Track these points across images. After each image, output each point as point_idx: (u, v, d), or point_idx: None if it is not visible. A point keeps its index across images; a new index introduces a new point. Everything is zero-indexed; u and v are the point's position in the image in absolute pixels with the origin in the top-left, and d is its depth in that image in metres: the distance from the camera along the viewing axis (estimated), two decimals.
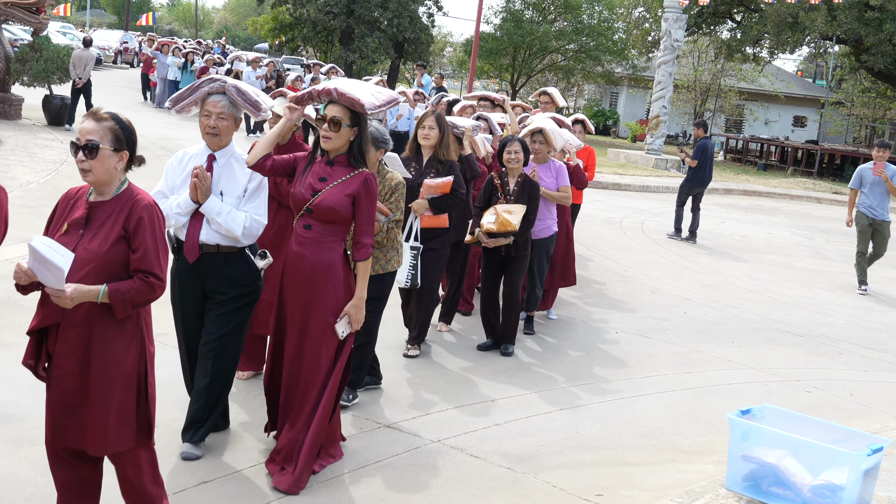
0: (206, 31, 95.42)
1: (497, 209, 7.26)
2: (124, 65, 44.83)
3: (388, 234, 5.88)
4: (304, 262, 4.73)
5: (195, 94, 4.97)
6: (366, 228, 4.76)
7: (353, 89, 4.70)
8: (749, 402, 6.97)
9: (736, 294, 11.15)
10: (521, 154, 7.38)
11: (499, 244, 7.30)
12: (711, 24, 37.00)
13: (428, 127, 6.90)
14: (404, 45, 37.81)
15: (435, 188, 6.77)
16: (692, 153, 14.98)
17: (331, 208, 4.66)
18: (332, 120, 4.68)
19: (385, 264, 5.95)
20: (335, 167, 4.78)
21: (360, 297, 4.79)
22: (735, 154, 36.98)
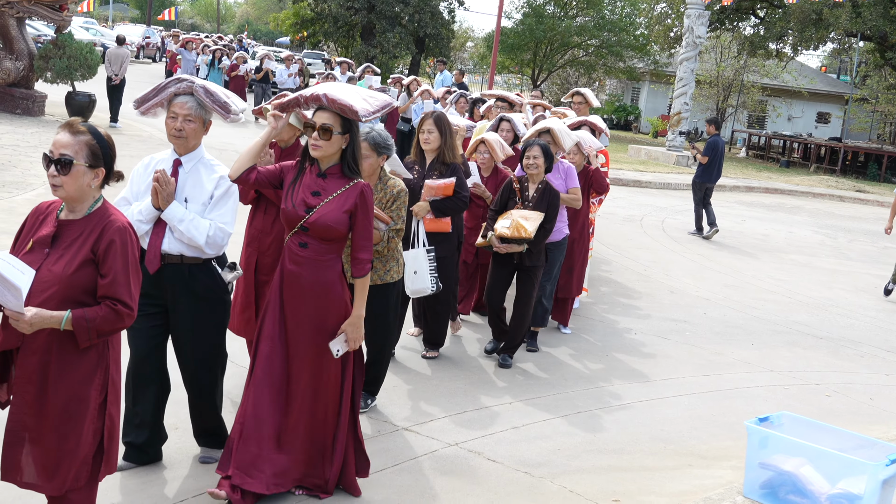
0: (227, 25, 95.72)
1: (513, 214, 6.95)
2: (146, 59, 45.03)
3: (388, 244, 5.61)
4: (302, 282, 4.47)
5: (161, 94, 4.69)
6: (363, 243, 4.49)
7: (345, 95, 4.42)
8: (768, 406, 6.97)
9: (756, 295, 11.09)
10: (540, 160, 7.03)
11: (511, 250, 6.96)
12: (734, 20, 36.75)
13: (427, 130, 6.73)
14: (425, 41, 37.82)
15: (437, 189, 6.61)
16: (703, 149, 15.10)
17: (328, 227, 4.38)
18: (322, 127, 4.37)
19: (384, 275, 5.69)
20: (328, 179, 4.47)
21: (359, 314, 4.52)
22: (757, 151, 36.74)
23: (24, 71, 17.65)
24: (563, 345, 8.04)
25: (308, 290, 4.47)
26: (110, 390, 3.54)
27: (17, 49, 17.56)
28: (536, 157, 7.05)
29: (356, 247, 4.49)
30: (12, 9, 17.24)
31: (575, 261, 8.24)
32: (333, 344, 4.44)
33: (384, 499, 4.79)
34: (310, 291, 4.47)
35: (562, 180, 7.73)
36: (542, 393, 6.72)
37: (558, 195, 7.19)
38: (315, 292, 4.47)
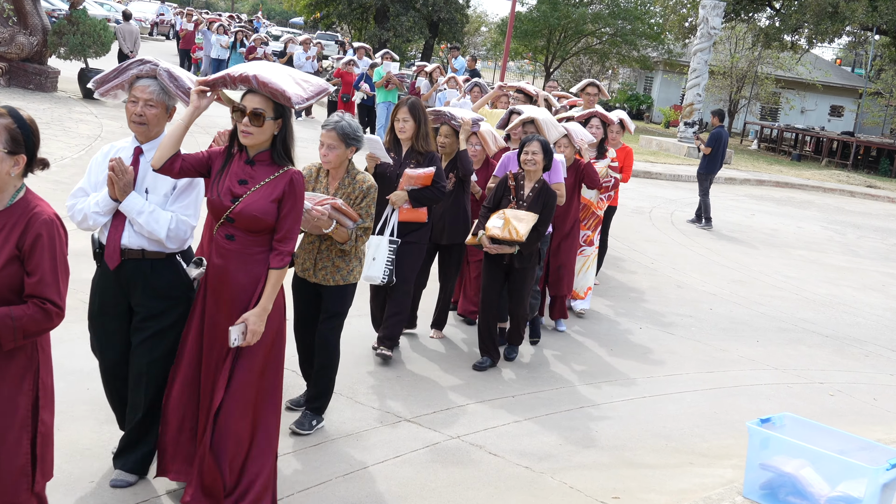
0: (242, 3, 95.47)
1: (506, 214, 6.58)
2: (160, 37, 45.01)
3: (356, 243, 5.24)
4: (227, 276, 4.15)
5: (122, 76, 4.36)
6: (288, 235, 4.16)
7: (277, 77, 4.06)
8: (771, 404, 6.98)
9: (763, 291, 11.08)
10: (539, 156, 6.65)
11: (502, 251, 6.60)
12: (750, 11, 36.54)
13: (402, 119, 6.50)
14: (439, 25, 37.69)
15: (416, 179, 6.39)
16: (706, 140, 15.22)
17: (254, 217, 4.07)
18: (253, 112, 4.04)
19: (347, 275, 5.32)
20: (256, 167, 4.16)
21: (264, 307, 4.13)
22: (769, 143, 36.61)
23: (37, 46, 17.67)
24: (567, 338, 8.05)
25: (233, 286, 4.16)
26: (41, 395, 3.32)
27: (31, 24, 17.57)
28: (535, 152, 6.68)
29: (279, 237, 4.15)
30: None
31: (565, 258, 7.88)
32: (233, 330, 4.06)
33: (385, 490, 4.82)
34: (235, 287, 4.16)
35: (546, 174, 7.20)
36: (545, 387, 6.74)
37: (555, 196, 6.82)
38: (240, 288, 4.15)
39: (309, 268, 5.31)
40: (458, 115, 7.11)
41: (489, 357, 6.91)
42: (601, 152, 8.63)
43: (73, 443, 4.76)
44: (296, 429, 5.30)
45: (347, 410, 5.75)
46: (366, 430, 5.51)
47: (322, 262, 5.29)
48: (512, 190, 6.78)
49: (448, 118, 7.10)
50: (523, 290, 6.88)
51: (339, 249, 5.23)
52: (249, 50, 22.99)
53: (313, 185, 5.35)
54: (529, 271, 6.86)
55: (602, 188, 8.50)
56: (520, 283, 6.85)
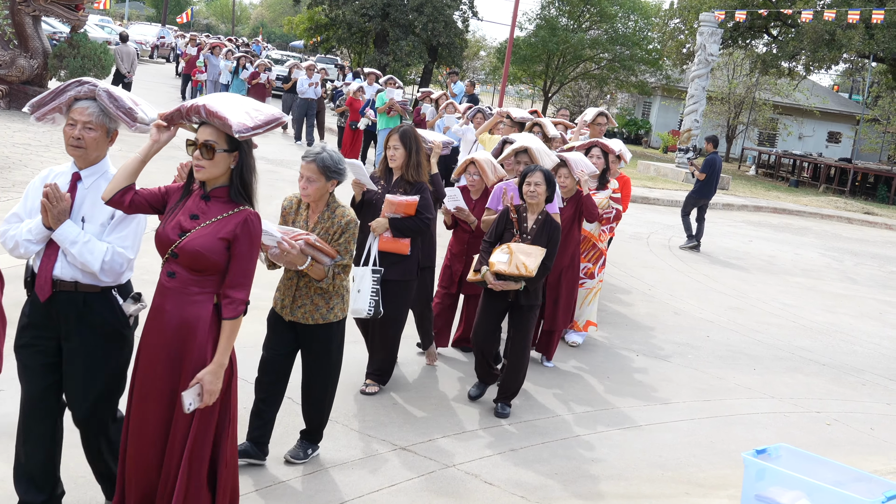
0: (242, 26, 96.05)
1: (512, 248, 6.27)
2: (160, 59, 45.22)
3: (333, 281, 4.98)
4: (163, 317, 3.87)
5: (59, 98, 4.10)
6: (239, 280, 3.86)
7: (223, 106, 3.85)
8: (768, 433, 6.97)
9: (760, 318, 11.08)
10: (542, 187, 6.38)
11: (507, 288, 6.30)
12: (747, 38, 36.75)
13: (393, 147, 6.32)
14: (438, 50, 37.89)
15: (398, 206, 6.18)
16: (701, 166, 15.40)
17: (197, 253, 3.79)
18: (204, 144, 3.82)
19: (327, 314, 5.09)
20: (211, 203, 3.91)
21: (219, 363, 3.83)
22: (767, 169, 36.71)
23: (38, 69, 17.75)
24: (564, 366, 8.04)
25: (168, 329, 3.86)
26: None
27: (31, 47, 17.66)
28: (538, 183, 6.40)
29: (230, 282, 3.85)
30: (28, 7, 17.35)
31: (561, 292, 7.67)
32: (186, 395, 3.77)
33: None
34: (170, 330, 3.86)
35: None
36: (541, 415, 6.73)
37: (559, 228, 6.56)
38: (175, 332, 3.85)
39: (287, 305, 5.12)
40: (429, 137, 6.94)
41: (486, 384, 6.80)
42: (602, 183, 8.49)
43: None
44: (291, 459, 5.26)
45: (342, 438, 5.74)
46: (361, 458, 5.49)
47: (301, 300, 5.08)
48: (514, 223, 6.50)
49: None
50: (527, 332, 6.52)
51: (317, 287, 5.02)
52: (252, 76, 22.65)
53: (293, 217, 5.16)
54: (534, 310, 6.57)
55: (603, 220, 8.36)
56: (524, 324, 6.50)
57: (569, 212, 7.54)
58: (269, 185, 14.27)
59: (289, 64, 23.95)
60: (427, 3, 35.16)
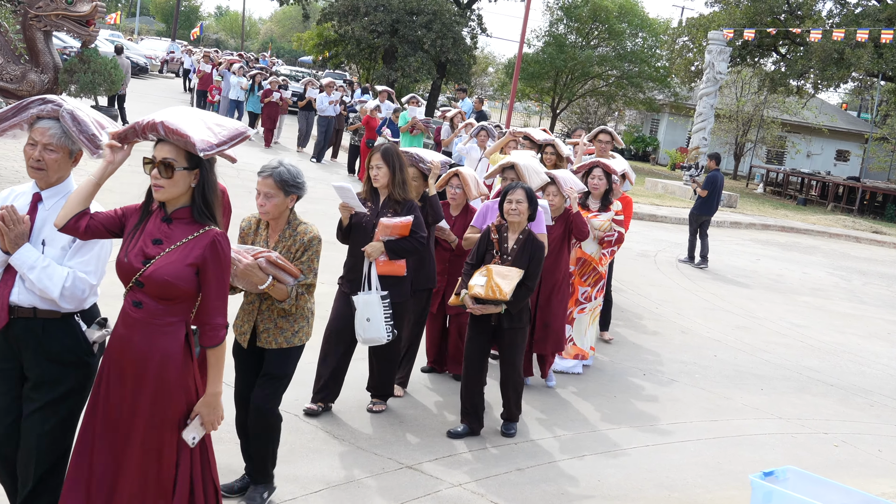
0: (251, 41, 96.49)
1: (490, 270, 6.03)
2: (170, 74, 45.46)
3: (297, 301, 4.71)
4: (131, 349, 3.62)
5: (21, 114, 3.94)
6: (215, 304, 3.66)
7: (183, 122, 3.61)
8: (775, 454, 6.95)
9: (768, 338, 11.06)
10: (523, 205, 6.14)
11: (487, 311, 6.09)
12: (756, 56, 36.80)
13: (376, 166, 6.11)
14: (446, 66, 37.98)
15: (392, 228, 5.99)
16: (703, 183, 15.65)
17: (165, 282, 3.56)
18: (162, 163, 3.59)
19: (291, 337, 4.84)
20: (174, 225, 3.67)
21: (214, 392, 3.71)
22: (775, 187, 36.69)
23: (48, 84, 17.78)
24: (570, 385, 8.03)
25: (136, 361, 3.62)
26: None
27: (42, 62, 17.71)
28: (519, 201, 6.16)
29: (205, 309, 3.67)
30: (40, 22, 17.41)
31: (552, 314, 7.34)
32: (187, 432, 3.64)
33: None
34: (138, 362, 3.62)
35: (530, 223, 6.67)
36: (547, 435, 6.72)
37: (543, 247, 6.27)
38: (144, 364, 3.62)
39: (247, 331, 4.87)
40: (426, 157, 6.77)
41: (468, 425, 6.36)
42: (605, 205, 8.26)
43: None
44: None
45: (349, 457, 5.73)
46: (367, 476, 5.49)
47: (264, 324, 4.82)
48: (495, 243, 6.24)
49: (416, 160, 6.70)
50: (514, 353, 6.30)
51: (280, 309, 4.74)
52: (265, 93, 22.33)
53: (252, 237, 4.89)
54: (520, 332, 6.30)
55: (605, 243, 8.15)
56: (510, 346, 6.28)
57: (558, 231, 7.31)
58: None
59: (303, 81, 23.55)
60: (436, 20, 35.26)
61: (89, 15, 17.64)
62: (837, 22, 32.14)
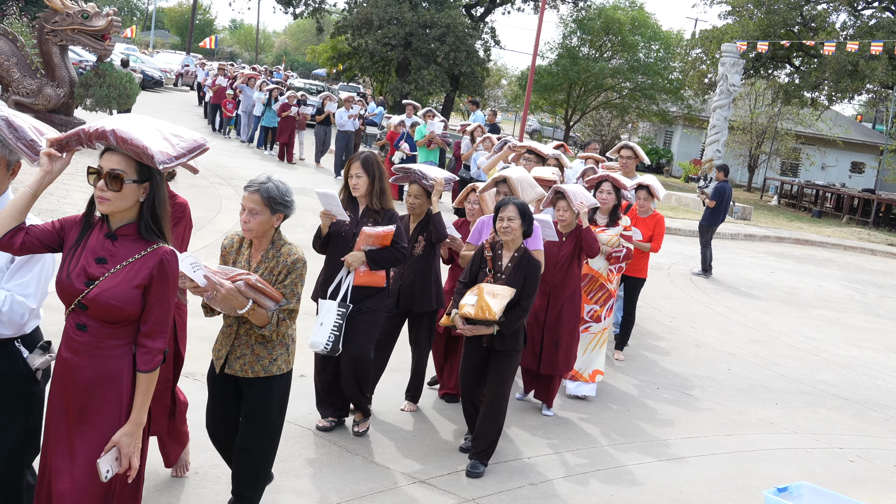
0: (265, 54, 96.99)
1: (482, 289, 5.74)
2: (184, 87, 45.73)
3: (278, 328, 4.36)
4: (77, 374, 3.39)
5: None
6: (157, 328, 3.41)
7: (139, 132, 3.35)
8: (789, 469, 6.91)
9: (782, 351, 11.01)
10: (516, 222, 5.84)
11: (478, 332, 5.79)
12: (769, 69, 36.76)
13: (355, 175, 5.93)
14: (460, 79, 38.13)
15: (374, 237, 5.79)
16: (711, 194, 15.82)
17: (110, 306, 3.33)
18: (109, 174, 3.32)
19: (269, 365, 4.49)
20: (119, 242, 3.41)
21: (137, 422, 3.41)
22: (789, 199, 36.57)
23: (64, 98, 17.96)
24: (584, 399, 8.01)
25: (82, 388, 3.40)
26: None
27: (58, 76, 17.87)
28: (511, 218, 5.86)
29: (146, 330, 3.40)
30: (56, 37, 17.58)
31: (562, 332, 7.14)
32: (102, 462, 3.34)
33: None
34: (84, 389, 3.40)
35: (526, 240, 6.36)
36: (561, 448, 6.70)
37: (538, 266, 5.96)
38: (92, 387, 3.40)
39: (223, 356, 4.54)
40: (429, 174, 6.54)
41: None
42: (613, 220, 8.04)
43: None
44: None
45: (362, 471, 5.74)
46: (381, 491, 5.49)
47: (240, 350, 4.49)
48: (489, 261, 5.97)
49: (418, 177, 6.49)
50: (503, 378, 5.94)
51: (259, 335, 4.42)
52: (283, 107, 22.12)
53: (234, 257, 4.57)
54: (513, 355, 5.98)
55: (612, 259, 7.91)
56: (499, 370, 5.94)
57: (568, 247, 7.13)
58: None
59: (322, 95, 23.23)
60: (449, 33, 35.42)
61: (105, 29, 17.81)
62: (851, 34, 32.09)
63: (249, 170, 19.11)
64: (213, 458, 5.24)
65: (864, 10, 34.41)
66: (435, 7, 37.13)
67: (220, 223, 12.23)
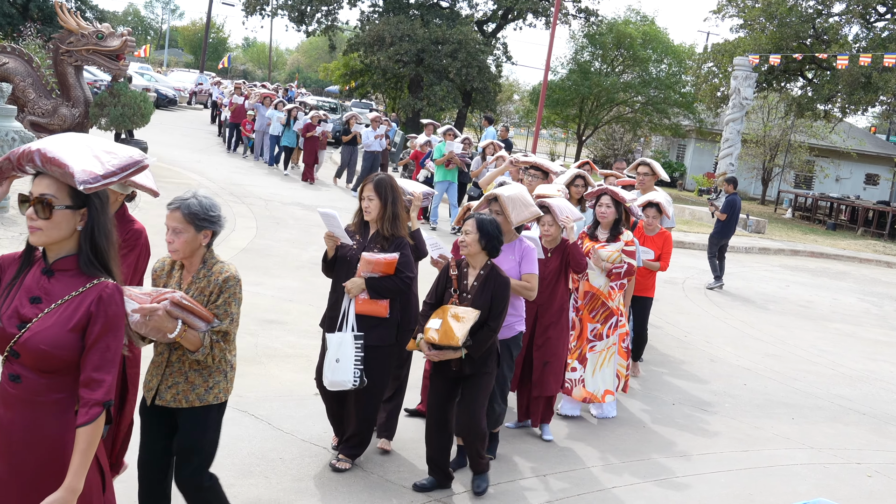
0: (278, 72, 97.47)
1: (446, 312, 5.45)
2: (198, 105, 45.99)
3: (212, 351, 4.05)
4: (11, 431, 2.99)
5: None
6: (96, 377, 2.95)
7: (63, 150, 2.98)
8: (807, 485, 6.87)
9: (798, 365, 10.96)
10: (472, 235, 5.48)
11: (445, 358, 5.46)
12: (782, 81, 36.73)
13: (367, 198, 5.70)
14: (472, 94, 38.23)
15: (375, 265, 5.52)
16: (721, 207, 15.91)
17: (41, 352, 2.93)
18: (38, 200, 2.97)
19: (204, 394, 4.15)
20: (56, 279, 3.02)
21: (72, 488, 2.90)
22: (804, 212, 36.42)
23: (79, 118, 18.08)
24: (597, 415, 7.98)
25: (18, 447, 2.98)
26: None
27: (73, 96, 18.01)
28: (468, 231, 5.51)
29: (83, 379, 2.97)
30: (71, 57, 17.73)
31: (551, 353, 6.87)
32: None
33: None
34: (21, 449, 2.98)
35: (515, 262, 6.14)
36: (576, 466, 6.68)
37: (507, 283, 5.58)
38: (30, 451, 2.98)
39: (155, 386, 4.19)
40: (407, 188, 6.35)
41: (434, 477, 5.78)
42: (614, 235, 7.71)
43: None
44: None
45: (378, 489, 5.73)
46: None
47: (173, 378, 4.15)
48: (453, 281, 5.63)
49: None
50: (477, 402, 5.58)
51: (193, 361, 4.09)
52: (307, 127, 21.83)
53: (166, 280, 4.27)
54: (485, 378, 5.61)
55: (613, 275, 7.59)
56: (473, 395, 5.58)
57: (554, 263, 6.85)
58: (303, 231, 14.40)
59: (347, 115, 22.73)
60: (461, 49, 35.52)
61: (119, 49, 17.95)
62: (864, 46, 32.03)
63: (263, 187, 19.19)
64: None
65: (877, 23, 34.34)
66: (447, 23, 37.27)
67: (234, 241, 12.28)
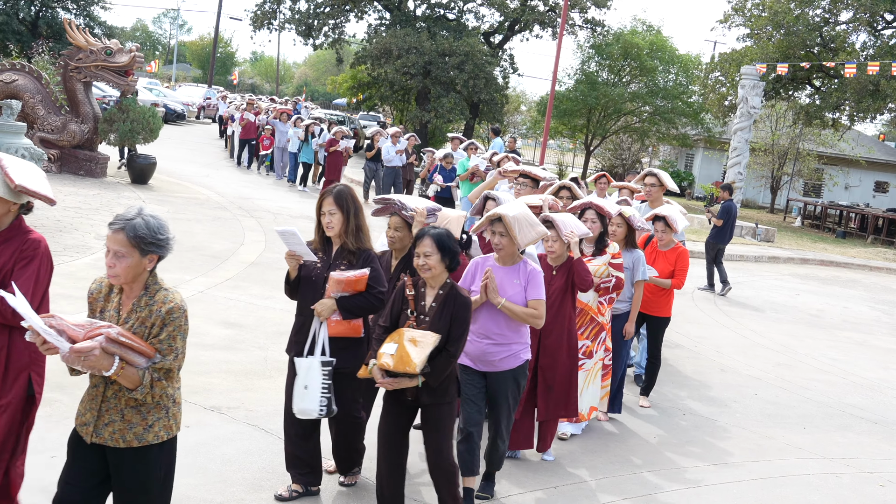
0: (286, 85, 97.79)
1: (402, 336, 4.92)
2: (206, 119, 46.19)
3: (152, 390, 3.68)
4: None
5: None
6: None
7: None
8: (819, 495, 6.84)
9: (809, 374, 10.91)
10: (434, 257, 4.97)
11: (400, 386, 4.93)
12: (790, 90, 36.68)
13: (328, 212, 5.30)
14: (479, 106, 38.23)
15: (345, 284, 5.17)
16: (718, 213, 16.23)
17: None
18: None
19: (143, 433, 3.76)
20: None
21: None
22: (813, 220, 36.34)
23: (88, 133, 18.20)
24: (609, 426, 7.97)
25: None
26: None
27: (83, 112, 18.13)
28: (428, 254, 4.99)
29: None
30: (80, 73, 17.86)
31: (558, 376, 6.47)
32: None
33: None
34: None
35: (520, 286, 5.66)
36: (587, 477, 6.66)
37: (467, 304, 5.04)
38: None
39: (90, 421, 3.79)
40: (409, 204, 6.03)
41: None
42: (600, 248, 7.30)
43: None
44: None
45: None
46: None
47: (108, 415, 3.75)
48: (410, 301, 5.10)
49: (398, 207, 5.99)
50: (439, 435, 5.10)
51: (130, 397, 3.70)
52: (330, 142, 21.62)
53: (102, 304, 3.86)
54: (445, 407, 5.09)
55: (601, 290, 7.25)
56: (432, 427, 5.10)
57: (559, 281, 6.49)
58: None
59: (373, 131, 22.36)
60: (468, 61, 35.52)
61: (128, 65, 18.09)
62: (871, 54, 31.98)
63: (272, 201, 19.24)
64: None
65: (884, 30, 34.29)
66: (453, 35, 37.30)
67: (243, 254, 12.30)
